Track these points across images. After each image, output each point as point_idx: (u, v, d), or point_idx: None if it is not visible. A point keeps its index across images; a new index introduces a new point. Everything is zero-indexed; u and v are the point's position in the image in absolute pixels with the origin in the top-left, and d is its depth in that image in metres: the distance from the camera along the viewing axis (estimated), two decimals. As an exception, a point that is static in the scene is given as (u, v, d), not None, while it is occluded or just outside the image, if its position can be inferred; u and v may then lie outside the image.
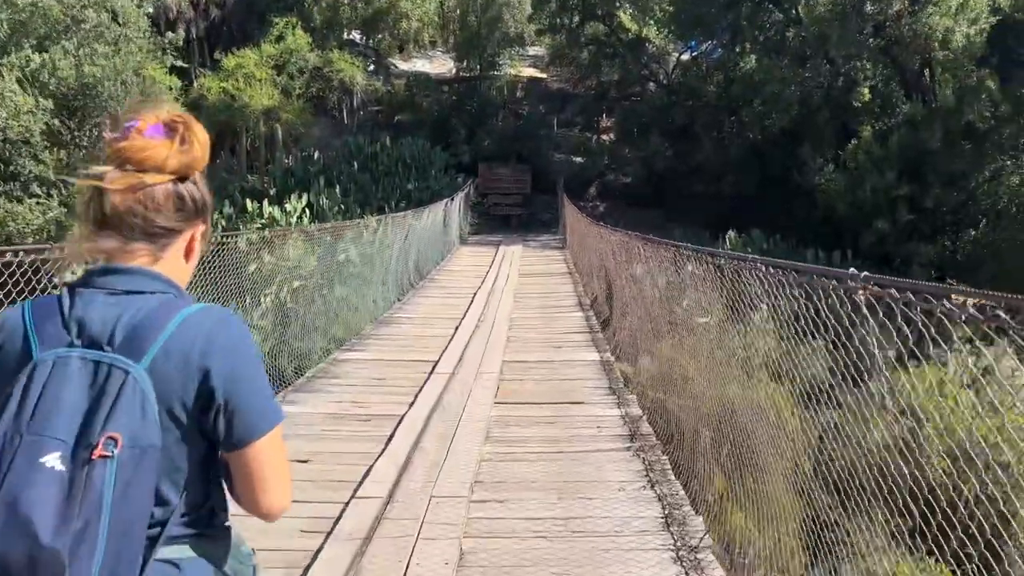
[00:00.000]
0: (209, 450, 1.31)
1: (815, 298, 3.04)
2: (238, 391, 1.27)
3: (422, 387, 6.61)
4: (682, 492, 4.23)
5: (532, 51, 33.10)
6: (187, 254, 1.40)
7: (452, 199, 19.37)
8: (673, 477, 4.49)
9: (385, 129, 27.13)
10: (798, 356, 3.46)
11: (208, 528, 1.33)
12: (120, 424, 1.16)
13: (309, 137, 26.72)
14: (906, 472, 2.71)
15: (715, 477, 4.47)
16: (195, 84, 25.27)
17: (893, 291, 2.46)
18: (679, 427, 5.08)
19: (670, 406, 5.51)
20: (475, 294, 12.27)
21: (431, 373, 7.14)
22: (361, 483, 4.35)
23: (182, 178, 1.33)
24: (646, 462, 4.71)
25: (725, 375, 4.37)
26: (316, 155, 25.07)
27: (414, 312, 10.91)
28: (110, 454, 1.14)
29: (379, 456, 4.87)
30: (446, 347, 8.32)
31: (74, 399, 1.17)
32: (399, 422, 5.62)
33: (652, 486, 4.34)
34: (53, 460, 1.12)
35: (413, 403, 6.14)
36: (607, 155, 28.54)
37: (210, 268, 6.49)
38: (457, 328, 9.39)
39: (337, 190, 22.85)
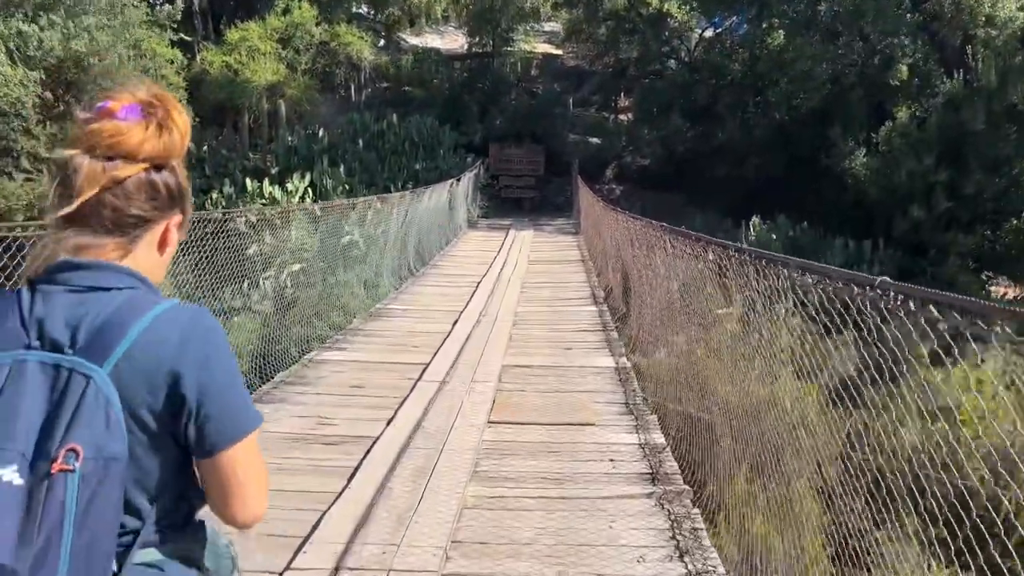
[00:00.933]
0: (182, 455, 1.25)
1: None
2: (210, 396, 1.21)
3: (405, 399, 5.62)
4: (721, 568, 3.20)
5: (548, 27, 31.82)
6: (161, 246, 1.32)
7: (459, 179, 18.31)
8: (707, 541, 3.46)
9: (394, 107, 26.02)
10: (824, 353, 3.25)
11: (185, 528, 1.30)
12: (82, 434, 1.10)
13: (314, 114, 25.69)
14: (940, 477, 2.55)
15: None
16: (197, 59, 24.28)
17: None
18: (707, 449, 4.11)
19: (695, 416, 4.59)
20: (479, 283, 11.24)
21: (418, 380, 6.15)
22: (302, 547, 3.36)
23: (158, 166, 1.26)
24: (672, 517, 3.68)
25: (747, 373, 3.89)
26: (321, 133, 24.05)
27: (410, 303, 9.90)
28: (71, 468, 1.07)
29: (336, 499, 3.88)
30: (440, 346, 7.33)
31: (32, 406, 1.11)
32: (370, 448, 4.63)
33: (681, 556, 3.31)
34: (10, 474, 1.06)
35: (391, 420, 5.16)
36: (625, 136, 27.31)
37: (209, 250, 6.08)
38: (455, 323, 8.39)
39: (341, 170, 21.87)
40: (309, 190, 19.72)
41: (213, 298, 6.62)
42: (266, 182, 19.65)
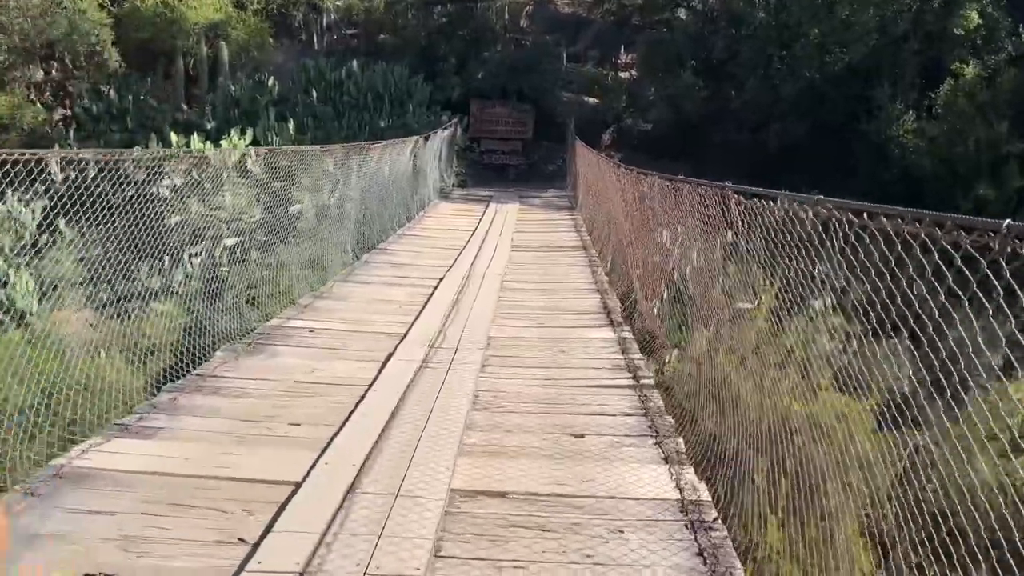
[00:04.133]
0: None
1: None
2: None
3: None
4: None
5: (540, -31, 27.99)
6: None
7: (429, 138, 14.78)
8: None
9: (362, 56, 22.24)
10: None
11: None
12: None
13: (266, 63, 21.93)
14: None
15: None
16: (129, -8, 20.50)
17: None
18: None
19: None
20: (440, 282, 7.85)
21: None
22: None
23: None
24: None
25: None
26: (271, 82, 20.35)
27: (322, 320, 6.46)
28: None
29: None
30: (342, 425, 3.96)
31: None
32: None
33: None
34: None
35: None
36: (626, 95, 23.75)
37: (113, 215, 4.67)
38: (385, 362, 5.02)
39: (290, 126, 18.26)
40: (251, 149, 16.18)
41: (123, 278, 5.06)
42: (194, 138, 16.01)
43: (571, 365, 5.23)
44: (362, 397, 4.40)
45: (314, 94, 19.38)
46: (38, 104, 20.45)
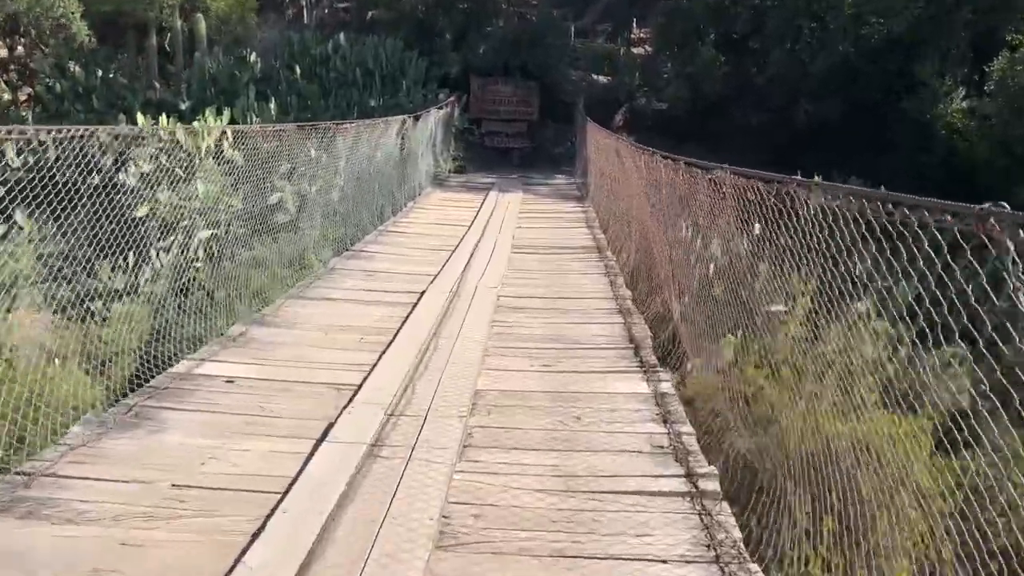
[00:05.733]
0: None
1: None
2: None
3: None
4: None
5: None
6: None
7: (421, 117, 13.08)
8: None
9: (353, 32, 20.43)
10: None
11: None
12: None
13: (249, 37, 20.19)
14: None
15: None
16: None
17: None
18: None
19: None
20: (420, 299, 6.21)
21: None
22: None
23: None
24: None
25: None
26: (253, 57, 18.64)
27: (258, 355, 4.82)
28: None
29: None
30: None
31: None
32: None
33: None
34: None
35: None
36: (639, 73, 21.94)
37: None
38: (317, 445, 3.44)
39: (272, 105, 16.59)
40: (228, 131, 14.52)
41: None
42: (163, 119, 14.32)
43: (591, 446, 3.59)
44: (262, 526, 2.77)
45: (298, 71, 17.65)
46: (1, 83, 18.85)
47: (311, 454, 3.37)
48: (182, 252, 5.87)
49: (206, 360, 4.60)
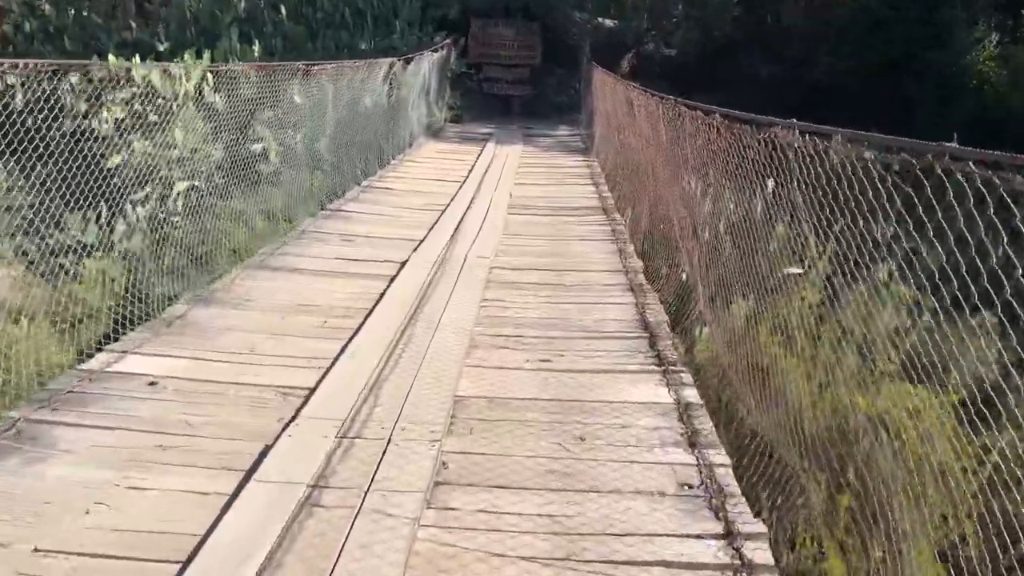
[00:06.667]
0: None
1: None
2: None
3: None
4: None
5: None
6: None
7: (414, 60, 12.05)
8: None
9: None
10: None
11: None
12: None
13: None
14: None
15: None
16: None
17: None
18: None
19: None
20: (400, 269, 5.37)
21: None
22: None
23: None
24: None
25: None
26: (237, -2, 17.44)
27: (197, 344, 4.00)
28: None
29: None
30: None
31: None
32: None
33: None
34: None
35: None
36: (647, 16, 20.70)
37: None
38: (236, 493, 2.62)
39: (256, 48, 15.46)
40: (207, 75, 13.50)
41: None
42: (136, 60, 13.25)
43: (598, 484, 2.79)
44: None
45: (283, 11, 16.49)
46: (-31, 22, 17.70)
47: (232, 497, 2.57)
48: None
49: (129, 352, 3.78)
